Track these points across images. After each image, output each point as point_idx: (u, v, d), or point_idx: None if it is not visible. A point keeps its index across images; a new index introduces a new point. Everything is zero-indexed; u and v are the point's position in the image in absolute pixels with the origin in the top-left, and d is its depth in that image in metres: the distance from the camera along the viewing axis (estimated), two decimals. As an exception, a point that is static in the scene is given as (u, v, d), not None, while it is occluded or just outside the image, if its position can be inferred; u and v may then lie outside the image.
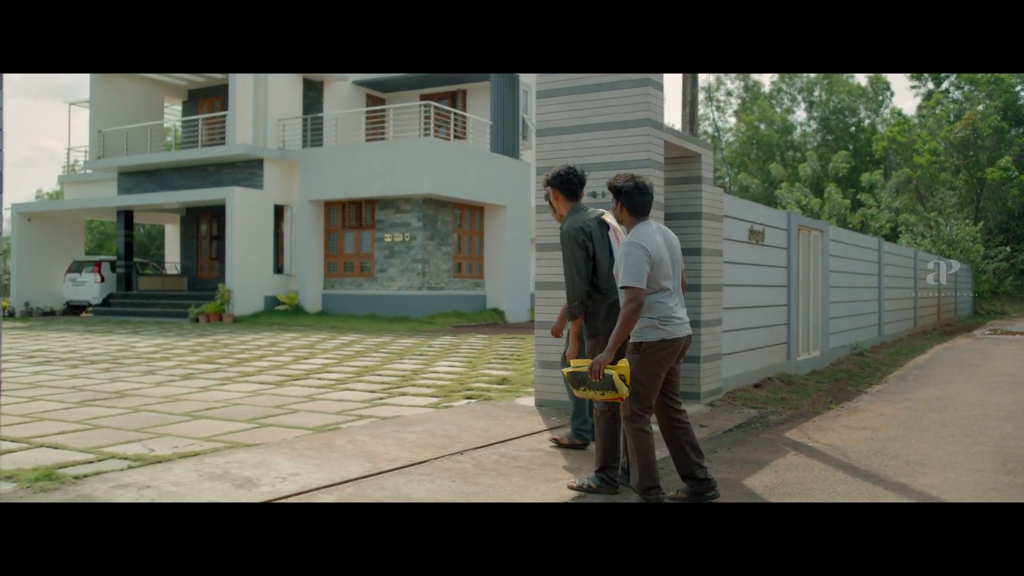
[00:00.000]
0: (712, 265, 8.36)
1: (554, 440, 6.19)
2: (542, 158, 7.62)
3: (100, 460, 5.30)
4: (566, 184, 5.35)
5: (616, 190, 4.62)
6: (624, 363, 4.47)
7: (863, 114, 48.20)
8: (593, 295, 5.13)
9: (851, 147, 45.45)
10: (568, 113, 7.48)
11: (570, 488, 4.97)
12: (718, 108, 51.00)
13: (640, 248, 4.42)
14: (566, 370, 4.74)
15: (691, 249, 8.17)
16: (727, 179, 32.15)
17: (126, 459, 5.31)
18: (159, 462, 5.21)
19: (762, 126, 47.90)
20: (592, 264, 5.13)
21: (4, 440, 5.83)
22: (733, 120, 51.61)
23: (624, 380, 4.43)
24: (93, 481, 4.72)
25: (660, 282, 4.48)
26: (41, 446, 5.77)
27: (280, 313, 21.59)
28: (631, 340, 4.56)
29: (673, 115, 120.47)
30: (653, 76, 7.23)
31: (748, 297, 9.56)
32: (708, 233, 8.28)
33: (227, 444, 5.84)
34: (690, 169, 8.25)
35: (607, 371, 4.42)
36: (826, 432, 7.08)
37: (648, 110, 7.12)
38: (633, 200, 4.57)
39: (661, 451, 5.07)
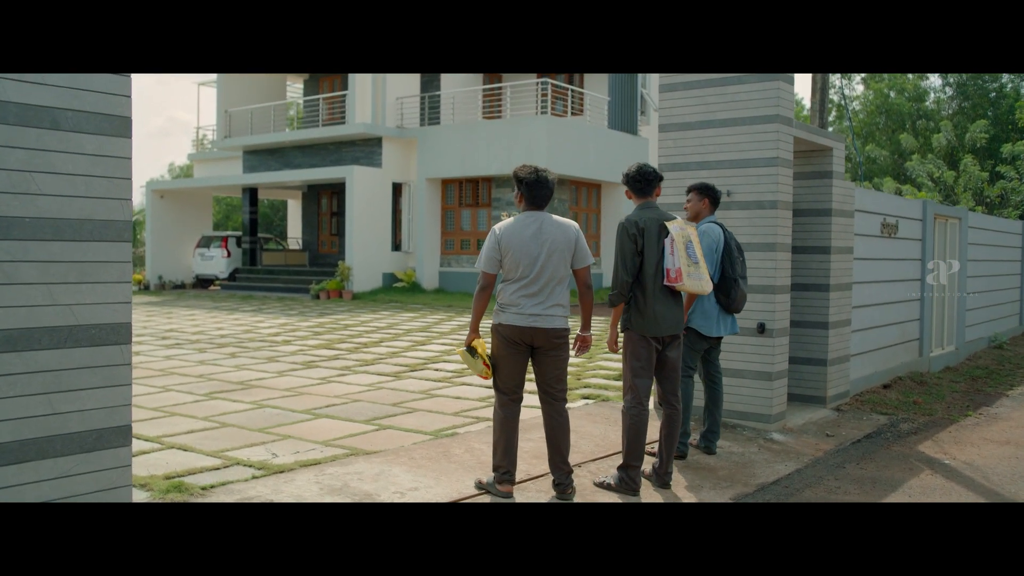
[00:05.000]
0: (841, 264, 7.98)
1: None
2: (665, 154, 7.38)
3: (226, 467, 5.43)
4: (632, 183, 5.35)
5: (518, 179, 4.78)
6: (480, 341, 4.79)
7: (1005, 79, 45.28)
8: (635, 289, 5.13)
9: (991, 115, 42.82)
10: (692, 108, 7.21)
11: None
12: (845, 76, 48.82)
13: (493, 236, 4.72)
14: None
15: (819, 247, 7.81)
16: (853, 150, 30.76)
17: (251, 466, 5.42)
18: (281, 471, 5.30)
19: (892, 93, 45.62)
20: (639, 260, 5.10)
21: (138, 439, 6.05)
22: (860, 87, 49.32)
23: (481, 358, 4.74)
24: (219, 492, 4.84)
25: (509, 271, 4.71)
26: (172, 447, 5.97)
27: (398, 290, 21.93)
28: None
29: (799, 88, 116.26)
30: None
31: (880, 294, 9.11)
32: (838, 230, 7.89)
33: (347, 450, 5.91)
34: (820, 164, 7.86)
35: (460, 347, 4.75)
36: (964, 446, 6.69)
37: (777, 106, 6.79)
38: (532, 192, 4.75)
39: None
